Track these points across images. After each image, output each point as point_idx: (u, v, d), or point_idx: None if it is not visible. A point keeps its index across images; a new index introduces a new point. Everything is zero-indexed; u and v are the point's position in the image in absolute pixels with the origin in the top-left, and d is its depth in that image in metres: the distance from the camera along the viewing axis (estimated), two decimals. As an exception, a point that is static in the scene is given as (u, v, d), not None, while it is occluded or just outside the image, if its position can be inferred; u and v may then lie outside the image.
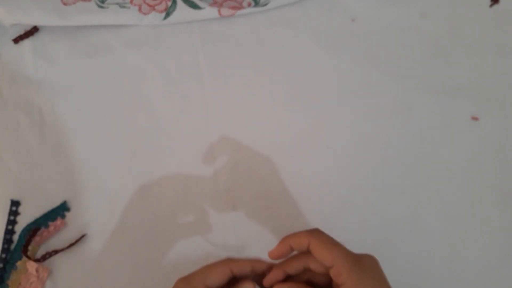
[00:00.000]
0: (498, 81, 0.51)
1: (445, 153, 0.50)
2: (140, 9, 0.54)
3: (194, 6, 0.53)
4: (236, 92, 0.53)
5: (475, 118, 0.50)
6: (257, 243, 0.48)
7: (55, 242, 0.48)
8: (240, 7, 0.55)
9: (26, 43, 0.55)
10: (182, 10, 0.54)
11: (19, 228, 0.48)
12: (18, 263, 0.47)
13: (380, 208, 0.49)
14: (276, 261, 0.37)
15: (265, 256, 0.47)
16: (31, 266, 0.46)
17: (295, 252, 0.36)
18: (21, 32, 0.55)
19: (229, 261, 0.34)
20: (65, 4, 0.54)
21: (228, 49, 0.54)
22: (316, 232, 0.33)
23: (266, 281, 0.34)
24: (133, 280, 0.47)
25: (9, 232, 0.48)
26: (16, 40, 0.55)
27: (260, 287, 0.36)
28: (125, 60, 0.54)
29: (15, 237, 0.48)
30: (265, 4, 0.54)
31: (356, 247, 0.47)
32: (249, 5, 0.55)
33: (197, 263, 0.48)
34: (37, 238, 0.48)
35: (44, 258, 0.47)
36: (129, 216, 0.49)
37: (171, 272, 0.46)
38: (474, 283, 0.46)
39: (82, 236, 0.48)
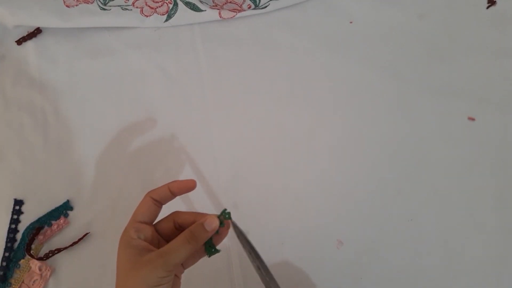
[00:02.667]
0: (495, 82, 0.52)
1: (442, 153, 0.50)
2: (141, 12, 0.55)
3: (195, 9, 0.54)
4: (236, 93, 0.53)
5: (471, 119, 0.51)
6: (257, 243, 0.48)
7: (58, 241, 0.48)
8: (240, 9, 0.55)
9: (29, 44, 0.55)
10: (183, 13, 0.54)
11: (22, 227, 0.49)
12: (21, 262, 0.47)
13: (378, 208, 0.49)
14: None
15: (264, 258, 0.48)
16: (34, 264, 0.47)
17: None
18: (24, 33, 0.55)
19: (148, 192, 0.34)
20: (67, 6, 0.54)
21: (228, 50, 0.55)
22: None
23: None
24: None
25: (12, 231, 0.49)
26: (19, 42, 0.55)
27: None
28: (127, 62, 0.55)
29: (19, 236, 0.49)
30: (265, 7, 0.55)
31: (353, 246, 0.48)
32: (249, 7, 0.56)
33: (198, 262, 0.49)
34: (40, 237, 0.48)
35: (47, 256, 0.47)
36: (131, 214, 0.49)
37: (172, 270, 0.46)
38: (471, 282, 0.46)
39: (85, 235, 0.48)
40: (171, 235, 0.34)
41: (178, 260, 0.30)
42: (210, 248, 0.34)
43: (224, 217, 0.34)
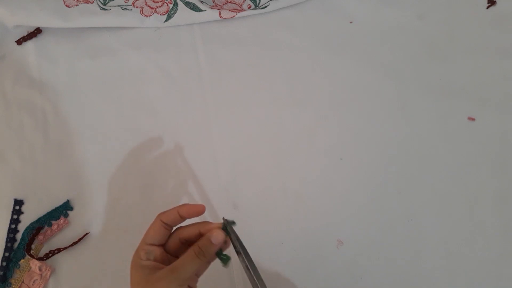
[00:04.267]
0: (494, 82, 0.52)
1: (442, 153, 0.50)
2: (142, 12, 0.55)
3: (195, 9, 0.54)
4: (236, 93, 0.53)
5: (471, 119, 0.51)
6: (257, 243, 0.48)
7: (58, 241, 0.48)
8: (240, 9, 0.55)
9: (29, 44, 0.55)
10: (183, 13, 0.54)
11: (22, 227, 0.49)
12: (21, 262, 0.47)
13: (378, 208, 0.49)
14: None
15: (264, 258, 0.48)
16: (34, 264, 0.47)
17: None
18: (24, 33, 0.55)
19: (158, 215, 0.35)
20: (67, 6, 0.54)
21: (228, 50, 0.55)
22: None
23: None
24: (134, 278, 0.48)
25: (12, 231, 0.49)
26: (20, 42, 0.55)
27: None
28: (127, 62, 0.55)
29: (19, 236, 0.49)
30: (265, 7, 0.55)
31: (353, 246, 0.48)
32: (249, 7, 0.56)
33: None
34: (40, 237, 0.48)
35: (47, 256, 0.47)
36: (131, 215, 0.49)
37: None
38: (471, 282, 0.46)
39: (85, 235, 0.48)
40: (179, 251, 0.36)
41: (189, 274, 0.31)
42: (222, 256, 0.34)
43: (226, 227, 0.34)
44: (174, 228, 0.37)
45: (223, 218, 0.35)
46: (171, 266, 0.32)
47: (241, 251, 0.35)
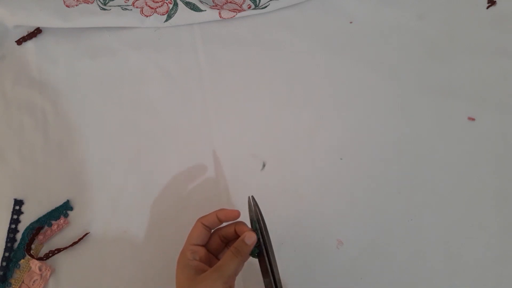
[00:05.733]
0: (494, 82, 0.52)
1: (441, 153, 0.50)
2: (142, 12, 0.55)
3: (195, 9, 0.54)
4: (236, 93, 0.53)
5: (471, 119, 0.51)
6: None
7: (58, 241, 0.48)
8: (240, 9, 0.55)
9: (29, 44, 0.55)
10: (183, 13, 0.54)
11: (22, 227, 0.49)
12: (21, 262, 0.47)
13: (378, 208, 0.49)
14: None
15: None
16: (34, 264, 0.47)
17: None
18: (24, 33, 0.55)
19: (199, 219, 0.39)
20: (67, 6, 0.54)
21: (228, 50, 0.55)
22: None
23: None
24: (135, 279, 0.48)
25: (12, 231, 0.49)
26: (19, 42, 0.55)
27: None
28: (127, 62, 0.55)
29: (19, 236, 0.49)
30: (265, 7, 0.55)
31: (353, 246, 0.48)
32: (249, 7, 0.56)
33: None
34: (40, 237, 0.48)
35: (47, 256, 0.47)
36: (131, 215, 0.49)
37: (173, 270, 0.46)
38: (471, 282, 0.46)
39: (85, 235, 0.48)
40: (219, 249, 0.40)
41: (231, 272, 0.35)
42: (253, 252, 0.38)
43: (255, 227, 0.39)
44: (212, 230, 0.41)
45: (250, 197, 0.40)
46: (214, 267, 0.35)
47: (262, 233, 0.38)
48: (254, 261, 0.39)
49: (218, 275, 0.34)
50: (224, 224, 0.41)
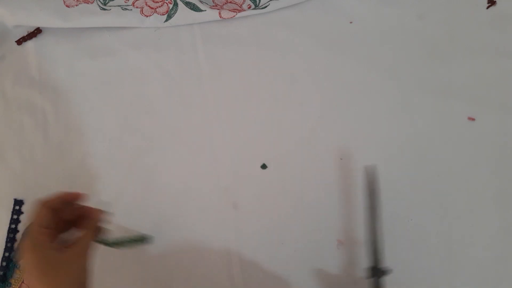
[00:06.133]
0: (494, 82, 0.52)
1: (442, 153, 0.50)
2: (142, 12, 0.55)
3: (195, 9, 0.54)
4: (236, 93, 0.53)
5: (471, 119, 0.51)
6: (257, 242, 0.48)
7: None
8: (240, 9, 0.55)
9: (29, 44, 0.55)
10: (183, 13, 0.54)
11: (22, 227, 0.49)
12: (22, 262, 0.47)
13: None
14: None
15: (264, 258, 0.48)
16: (34, 264, 0.47)
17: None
18: (24, 33, 0.55)
19: (43, 203, 0.38)
20: (67, 6, 0.54)
21: (228, 50, 0.55)
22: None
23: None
24: (135, 279, 0.48)
25: (12, 231, 0.49)
26: (19, 42, 0.55)
27: None
28: (127, 62, 0.55)
29: (19, 236, 0.49)
30: (265, 7, 0.55)
31: (354, 246, 0.48)
32: (249, 7, 0.56)
33: (198, 261, 0.49)
34: (40, 237, 0.48)
35: (47, 256, 0.47)
36: (131, 215, 0.49)
37: (172, 271, 0.46)
38: (472, 282, 0.46)
39: (85, 235, 0.48)
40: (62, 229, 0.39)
41: (88, 247, 0.37)
42: (106, 242, 0.41)
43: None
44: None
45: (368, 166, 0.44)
46: (74, 245, 0.36)
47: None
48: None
49: (79, 250, 0.36)
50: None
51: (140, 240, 0.42)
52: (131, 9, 0.55)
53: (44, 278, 0.34)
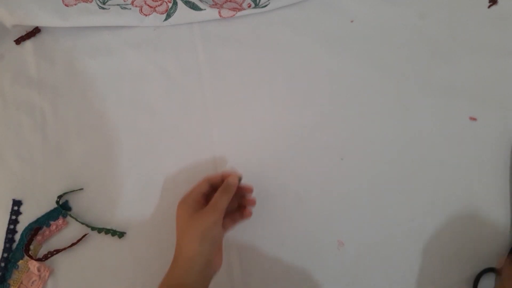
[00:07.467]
0: (496, 82, 0.52)
1: (443, 153, 0.50)
2: (141, 11, 0.55)
3: (195, 8, 0.54)
4: (236, 92, 0.53)
5: (473, 119, 0.51)
6: (257, 243, 0.48)
7: (56, 241, 0.48)
8: (240, 8, 0.55)
9: (28, 44, 0.55)
10: (182, 12, 0.54)
11: (21, 227, 0.49)
12: (20, 262, 0.47)
13: (378, 208, 0.49)
14: None
15: (265, 258, 0.48)
16: (33, 265, 0.47)
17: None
18: (23, 33, 0.55)
19: (205, 177, 0.46)
20: (66, 5, 0.54)
21: (228, 49, 0.55)
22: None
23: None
24: (134, 279, 0.48)
25: (11, 232, 0.48)
26: (18, 41, 0.55)
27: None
28: (126, 61, 0.54)
29: (17, 237, 0.48)
30: (265, 6, 0.55)
31: (355, 245, 0.48)
32: (249, 6, 0.55)
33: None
34: (38, 237, 0.48)
35: (46, 257, 0.47)
36: (130, 215, 0.49)
37: (171, 271, 0.46)
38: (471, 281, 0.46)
39: (84, 236, 0.48)
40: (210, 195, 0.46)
41: (222, 206, 0.42)
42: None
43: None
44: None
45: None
46: (209, 204, 0.43)
47: None
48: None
49: (213, 209, 0.42)
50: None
51: (114, 232, 0.48)
52: (130, 8, 0.55)
53: (178, 226, 0.43)
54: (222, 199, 0.43)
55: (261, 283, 0.48)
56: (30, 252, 0.47)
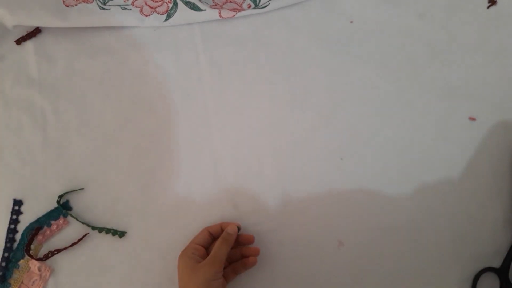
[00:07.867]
0: (495, 82, 0.52)
1: (442, 153, 0.50)
2: (141, 11, 0.55)
3: (195, 8, 0.54)
4: (236, 92, 0.53)
5: (472, 119, 0.51)
6: (257, 243, 0.48)
7: (57, 241, 0.48)
8: (240, 9, 0.55)
9: (29, 44, 0.55)
10: (183, 12, 0.54)
11: (21, 227, 0.49)
12: (21, 262, 0.47)
13: (379, 208, 0.49)
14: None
15: (265, 258, 0.48)
16: (34, 265, 0.47)
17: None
18: (24, 33, 0.55)
19: (205, 228, 0.47)
20: (67, 5, 0.54)
21: (228, 50, 0.55)
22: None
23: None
24: (135, 279, 0.48)
25: (11, 231, 0.49)
26: (19, 41, 0.55)
27: None
28: (126, 61, 0.54)
29: (18, 236, 0.49)
30: (265, 6, 0.55)
31: (355, 247, 0.48)
32: (249, 7, 0.55)
33: (198, 262, 0.48)
34: (39, 237, 0.48)
35: (46, 257, 0.47)
36: (131, 215, 0.49)
37: (172, 271, 0.46)
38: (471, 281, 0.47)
39: (85, 235, 0.48)
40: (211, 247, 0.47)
41: (222, 256, 0.43)
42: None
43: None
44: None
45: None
46: (209, 256, 0.43)
47: None
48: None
49: (213, 260, 0.42)
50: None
51: (114, 232, 0.48)
52: (131, 9, 0.55)
53: (180, 281, 0.43)
54: (221, 250, 0.43)
55: (261, 283, 0.48)
56: (31, 252, 0.47)
